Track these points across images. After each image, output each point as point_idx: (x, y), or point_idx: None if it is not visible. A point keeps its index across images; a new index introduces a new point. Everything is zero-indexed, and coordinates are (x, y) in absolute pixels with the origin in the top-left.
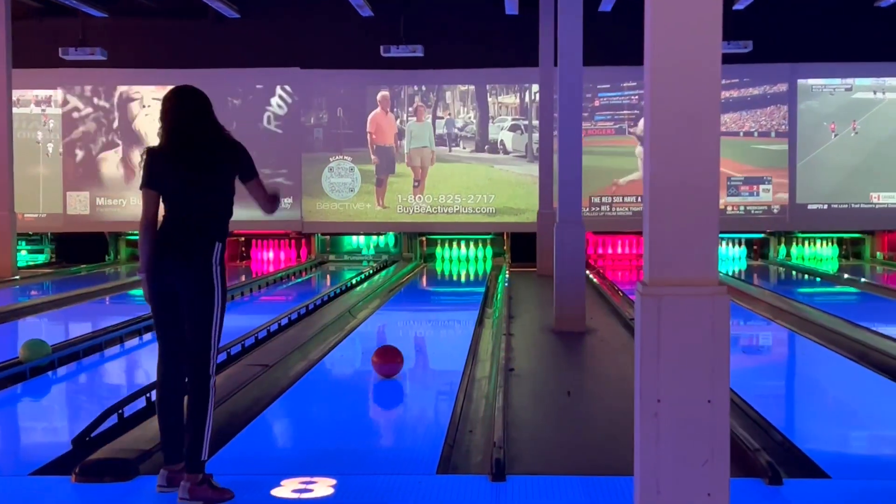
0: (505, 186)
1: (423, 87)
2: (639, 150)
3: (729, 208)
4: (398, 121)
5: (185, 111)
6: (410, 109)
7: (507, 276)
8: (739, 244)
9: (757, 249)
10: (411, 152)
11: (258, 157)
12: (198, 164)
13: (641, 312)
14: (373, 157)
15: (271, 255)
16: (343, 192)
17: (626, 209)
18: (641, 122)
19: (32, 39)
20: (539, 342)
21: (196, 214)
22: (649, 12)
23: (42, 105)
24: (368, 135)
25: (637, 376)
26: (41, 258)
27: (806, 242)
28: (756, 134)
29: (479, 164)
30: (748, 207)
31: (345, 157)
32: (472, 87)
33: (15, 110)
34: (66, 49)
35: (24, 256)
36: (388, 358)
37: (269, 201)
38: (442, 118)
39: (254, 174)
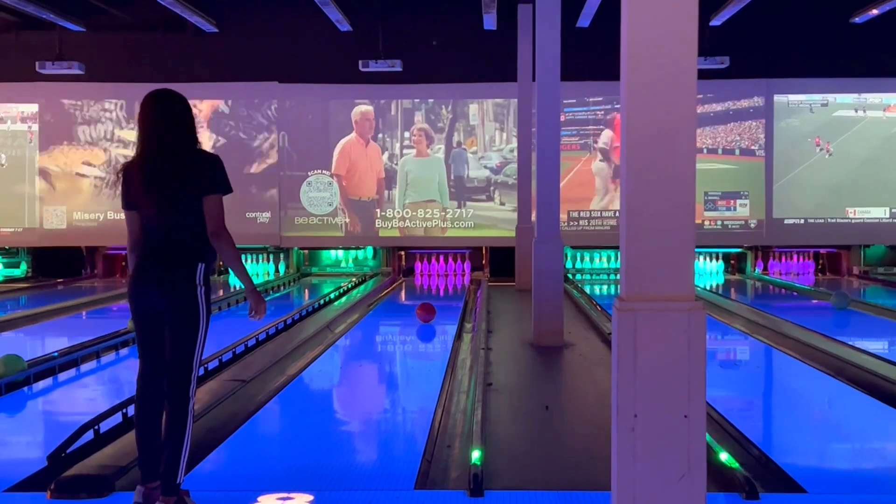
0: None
1: (431, 101)
2: (596, 165)
3: (706, 223)
4: (385, 154)
5: (163, 116)
6: (407, 136)
7: (485, 290)
8: (717, 258)
9: (734, 264)
10: (408, 206)
11: (236, 171)
12: (177, 176)
13: (618, 328)
14: (344, 213)
15: (251, 269)
16: (321, 207)
17: (604, 224)
18: (602, 135)
19: (9, 54)
20: (517, 356)
21: (177, 232)
22: (625, 28)
23: (28, 122)
24: (335, 178)
25: (614, 391)
26: (17, 272)
27: (783, 257)
28: (737, 151)
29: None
30: (725, 222)
31: (323, 172)
32: (512, 101)
33: (1, 127)
34: (44, 63)
35: (0, 271)
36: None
37: (228, 242)
38: (464, 149)
39: (220, 189)
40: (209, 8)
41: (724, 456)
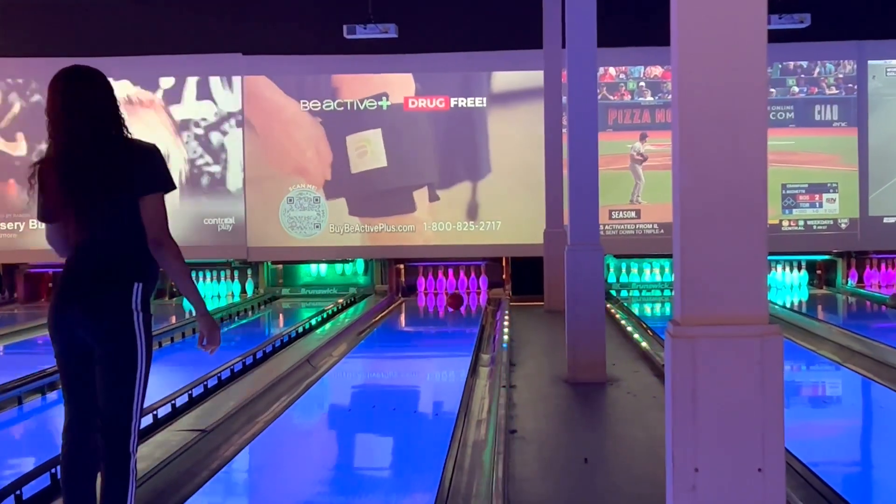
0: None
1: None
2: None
3: (785, 223)
4: None
5: (77, 101)
6: None
7: (507, 312)
8: (799, 268)
9: (821, 275)
10: None
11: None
12: (100, 176)
13: (672, 359)
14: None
15: (209, 289)
16: (307, 229)
17: (655, 227)
18: (638, 143)
19: None
20: (548, 396)
21: (105, 246)
22: None
23: None
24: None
25: (669, 440)
26: None
27: (883, 265)
28: (824, 133)
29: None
30: (809, 222)
31: (308, 185)
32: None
33: None
34: None
35: None
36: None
37: (172, 252)
38: None
39: (159, 187)
40: None
41: None
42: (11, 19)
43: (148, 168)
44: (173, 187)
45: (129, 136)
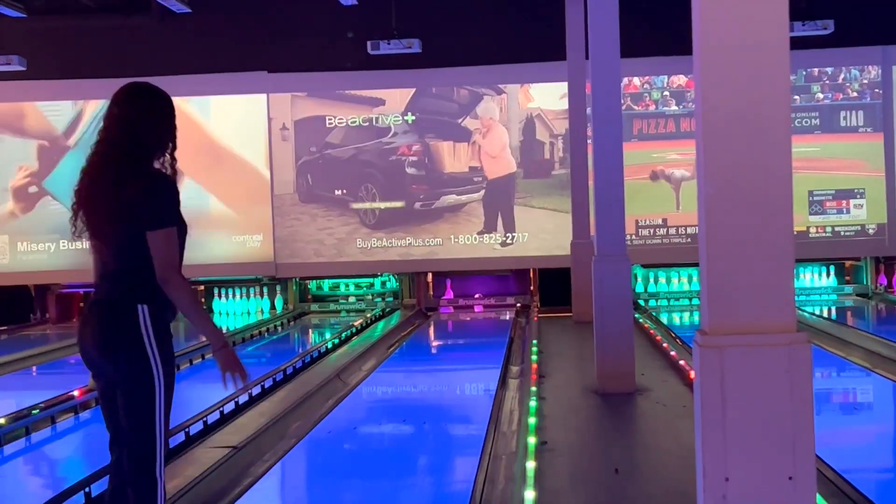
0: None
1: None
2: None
3: (812, 230)
4: None
5: (126, 117)
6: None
7: (534, 323)
8: (828, 274)
9: (850, 280)
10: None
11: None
12: (108, 199)
13: (701, 369)
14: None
15: (239, 306)
16: (335, 245)
17: (682, 236)
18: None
19: None
20: (578, 407)
21: (113, 276)
22: None
23: None
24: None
25: (699, 449)
26: None
27: None
28: (850, 139)
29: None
30: (836, 228)
31: (342, 192)
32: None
33: None
34: None
35: None
36: None
37: (180, 289)
38: None
39: (166, 224)
40: None
41: None
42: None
43: (155, 203)
44: (181, 225)
45: (152, 165)
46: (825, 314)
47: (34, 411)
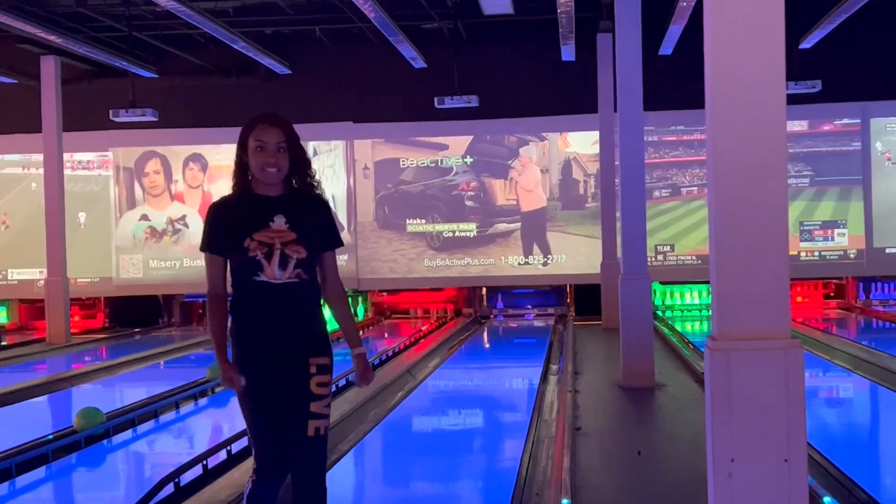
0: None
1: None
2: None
3: (802, 254)
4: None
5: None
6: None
7: (570, 329)
8: (816, 289)
9: (834, 296)
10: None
11: None
12: None
13: (711, 368)
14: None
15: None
16: (408, 262)
17: (692, 257)
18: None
19: (83, 102)
20: (606, 399)
21: None
22: (709, 54)
23: (101, 169)
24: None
25: (709, 435)
26: (95, 323)
27: (886, 287)
28: (832, 179)
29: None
30: (823, 253)
31: (412, 220)
32: None
33: (86, 173)
34: (117, 111)
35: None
36: None
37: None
38: None
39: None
40: (282, 50)
41: (828, 501)
42: (181, 99)
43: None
44: (204, 250)
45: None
46: (814, 324)
47: (162, 398)
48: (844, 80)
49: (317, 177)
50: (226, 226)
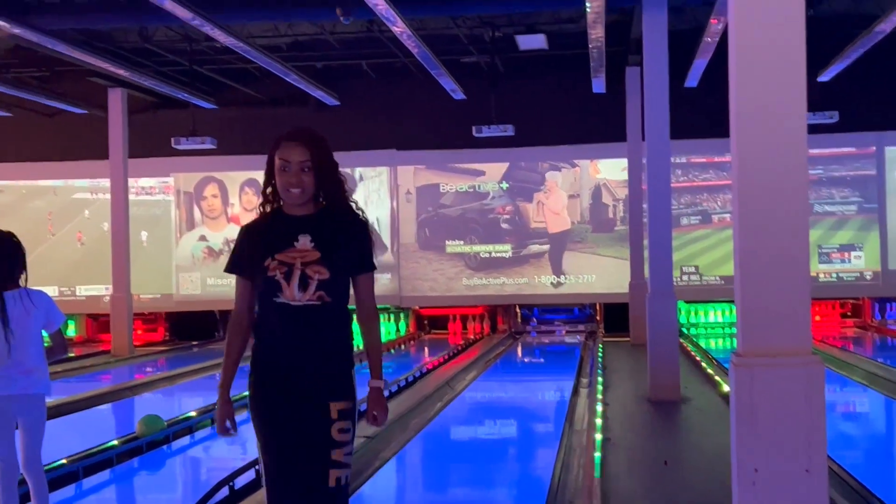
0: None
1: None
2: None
3: (821, 275)
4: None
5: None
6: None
7: (600, 345)
8: (833, 308)
9: (851, 315)
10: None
11: None
12: None
13: (735, 383)
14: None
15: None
16: (447, 281)
17: (716, 277)
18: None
19: (147, 131)
20: (634, 411)
21: None
22: (734, 87)
23: (162, 195)
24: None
25: (733, 446)
26: (156, 337)
27: None
28: (852, 206)
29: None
30: (840, 274)
31: (452, 241)
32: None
33: (149, 198)
34: (178, 139)
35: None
36: None
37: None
38: None
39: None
40: (331, 82)
41: None
42: (237, 127)
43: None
44: (227, 270)
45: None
46: (833, 341)
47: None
48: (861, 110)
49: (353, 196)
50: (251, 246)
